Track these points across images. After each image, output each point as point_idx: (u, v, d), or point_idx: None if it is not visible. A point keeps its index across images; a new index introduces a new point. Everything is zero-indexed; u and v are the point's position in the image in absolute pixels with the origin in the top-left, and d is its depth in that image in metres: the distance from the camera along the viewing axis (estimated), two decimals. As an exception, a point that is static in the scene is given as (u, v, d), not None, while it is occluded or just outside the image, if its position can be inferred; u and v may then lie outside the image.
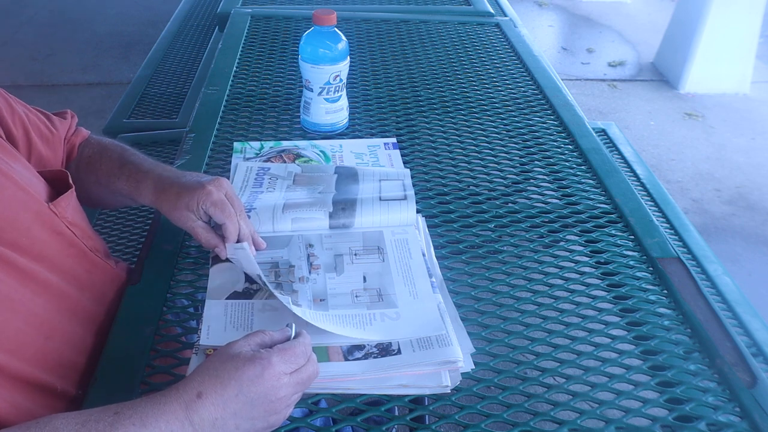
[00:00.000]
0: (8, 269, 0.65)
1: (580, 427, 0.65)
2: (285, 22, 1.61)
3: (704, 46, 3.28)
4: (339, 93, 1.11)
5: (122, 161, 0.85)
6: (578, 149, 1.13)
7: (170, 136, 1.61)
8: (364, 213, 0.89)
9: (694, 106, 3.27)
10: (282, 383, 0.59)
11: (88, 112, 2.93)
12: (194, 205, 0.77)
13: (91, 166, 0.88)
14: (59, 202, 0.74)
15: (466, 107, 1.26)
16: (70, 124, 0.90)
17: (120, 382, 0.67)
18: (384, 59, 1.44)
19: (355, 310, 0.75)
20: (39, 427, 0.53)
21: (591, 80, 3.53)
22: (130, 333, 0.73)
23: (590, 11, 4.44)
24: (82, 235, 0.77)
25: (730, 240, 2.37)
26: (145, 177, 0.82)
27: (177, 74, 2.04)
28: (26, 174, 0.73)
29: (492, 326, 0.77)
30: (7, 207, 0.67)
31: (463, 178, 1.05)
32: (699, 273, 1.25)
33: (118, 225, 1.33)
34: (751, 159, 2.87)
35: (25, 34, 3.83)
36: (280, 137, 1.13)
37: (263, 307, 0.76)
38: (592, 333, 0.76)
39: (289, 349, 0.61)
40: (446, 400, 0.68)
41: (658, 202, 1.50)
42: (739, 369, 0.71)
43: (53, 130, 0.85)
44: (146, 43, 3.35)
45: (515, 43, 1.52)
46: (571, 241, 0.93)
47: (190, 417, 0.55)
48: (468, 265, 0.86)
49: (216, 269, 0.81)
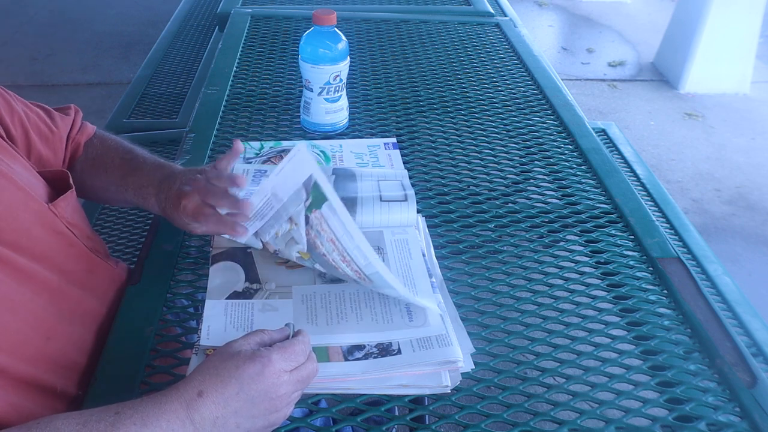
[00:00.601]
0: (8, 270, 0.64)
1: (580, 427, 0.65)
2: (285, 22, 1.61)
3: (704, 46, 3.28)
4: (339, 93, 1.11)
5: (125, 171, 0.85)
6: (578, 149, 1.13)
7: (170, 136, 1.61)
8: (364, 212, 0.89)
9: (694, 106, 3.27)
10: (282, 381, 0.59)
11: (88, 112, 2.90)
12: (182, 222, 0.78)
13: (95, 169, 0.87)
14: (59, 202, 0.74)
15: (466, 107, 1.26)
16: (74, 120, 0.89)
17: (120, 382, 0.67)
18: (384, 59, 1.44)
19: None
20: (40, 427, 0.53)
21: (591, 80, 3.53)
22: (130, 333, 0.73)
23: (590, 11, 4.45)
24: (82, 236, 0.77)
25: (730, 240, 2.37)
26: (148, 193, 0.82)
27: (177, 74, 2.04)
28: (26, 174, 0.73)
29: (492, 326, 0.77)
30: (6, 207, 0.67)
31: (463, 178, 1.05)
32: (699, 273, 1.25)
33: (118, 225, 1.33)
34: (751, 159, 2.87)
35: (25, 34, 3.83)
36: (280, 137, 1.13)
37: (263, 307, 0.76)
38: (592, 333, 0.76)
39: (289, 347, 0.61)
40: (446, 400, 0.68)
41: (658, 202, 1.50)
42: (739, 369, 0.71)
43: (53, 129, 0.84)
44: (146, 43, 3.35)
45: (515, 43, 1.52)
46: (571, 241, 0.93)
47: (191, 416, 0.55)
48: (468, 265, 0.86)
49: (216, 269, 0.81)
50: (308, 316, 0.75)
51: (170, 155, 1.48)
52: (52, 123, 0.84)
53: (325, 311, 0.76)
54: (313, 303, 0.77)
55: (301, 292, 0.79)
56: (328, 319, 0.75)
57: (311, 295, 0.78)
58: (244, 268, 0.82)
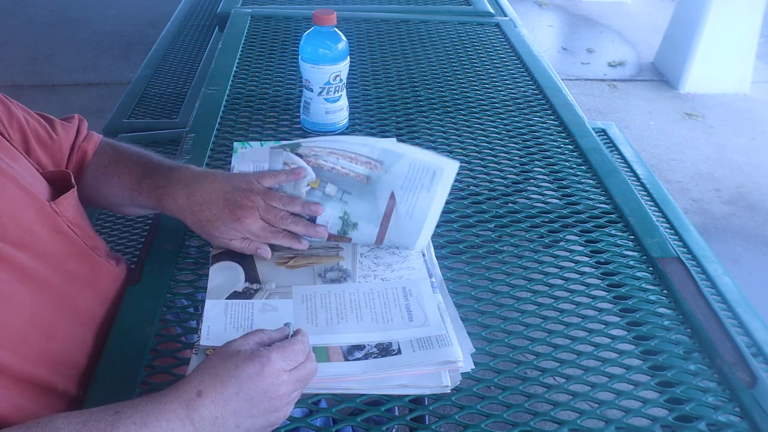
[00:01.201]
0: (11, 268, 0.65)
1: (580, 427, 0.65)
2: (285, 22, 1.61)
3: (704, 46, 3.28)
4: (339, 93, 1.11)
5: (140, 176, 0.84)
6: (578, 149, 1.13)
7: (170, 136, 1.61)
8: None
9: (694, 106, 3.27)
10: (281, 380, 0.59)
11: (88, 112, 2.93)
12: (233, 236, 0.80)
13: (107, 176, 0.87)
14: (60, 201, 0.74)
15: (466, 107, 1.26)
16: (78, 128, 0.88)
17: (120, 382, 0.67)
18: (384, 59, 1.44)
19: None
20: (40, 427, 0.53)
21: (591, 80, 3.53)
22: (130, 333, 0.73)
23: (590, 11, 4.45)
24: (83, 235, 0.77)
25: (730, 240, 2.37)
26: (165, 194, 0.82)
27: (177, 74, 2.04)
28: (26, 174, 0.73)
29: (492, 326, 0.77)
30: (9, 205, 0.67)
31: (463, 178, 1.05)
32: (699, 273, 1.25)
33: (118, 225, 1.33)
34: (751, 159, 2.87)
35: (25, 34, 3.83)
36: (280, 137, 1.13)
37: (263, 307, 0.76)
38: (592, 333, 0.76)
39: (288, 347, 0.61)
40: (446, 400, 0.68)
41: (658, 202, 1.50)
42: (739, 369, 0.71)
43: (53, 136, 0.83)
44: (146, 43, 3.35)
45: (515, 43, 1.52)
46: (571, 241, 0.93)
47: (190, 416, 0.55)
48: (468, 265, 0.86)
49: (216, 269, 0.81)
50: (308, 316, 0.75)
51: (170, 155, 1.47)
52: (52, 130, 0.84)
53: (325, 311, 0.76)
54: (313, 303, 0.77)
55: (301, 292, 0.79)
56: (328, 319, 0.75)
57: (311, 295, 0.78)
58: (244, 268, 0.82)
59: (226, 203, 0.78)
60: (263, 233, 0.80)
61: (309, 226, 0.81)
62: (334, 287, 0.80)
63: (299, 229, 0.81)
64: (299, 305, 0.77)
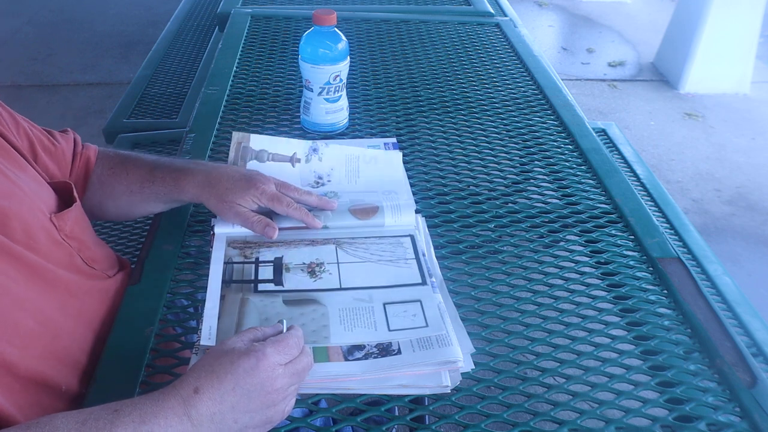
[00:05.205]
0: (22, 266, 0.66)
1: (580, 427, 0.65)
2: (285, 22, 1.61)
3: (704, 46, 3.28)
4: (339, 93, 1.11)
5: (151, 166, 0.87)
6: (578, 149, 1.13)
7: (170, 136, 1.61)
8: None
9: (694, 106, 3.27)
10: (277, 374, 0.59)
11: (88, 112, 2.93)
12: (248, 201, 0.83)
13: (116, 176, 0.88)
14: (62, 215, 0.75)
15: (466, 107, 1.26)
16: (75, 139, 0.90)
17: (120, 382, 0.67)
18: (384, 59, 1.44)
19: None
20: (39, 426, 0.53)
21: (591, 80, 3.53)
22: (130, 333, 0.73)
23: (590, 11, 4.45)
24: (81, 248, 0.77)
25: (730, 240, 2.37)
26: (182, 175, 0.85)
27: (177, 74, 2.04)
28: (33, 184, 0.74)
29: (492, 326, 0.77)
30: (18, 210, 0.68)
31: (463, 178, 1.05)
32: (699, 273, 1.25)
33: (119, 225, 1.33)
34: (751, 159, 2.87)
35: (25, 34, 3.83)
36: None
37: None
38: (592, 333, 0.76)
39: (282, 341, 0.61)
40: (446, 400, 0.68)
41: (658, 202, 1.50)
42: (739, 369, 0.71)
43: (56, 143, 0.85)
44: (146, 43, 3.35)
45: (515, 43, 1.52)
46: (571, 241, 0.93)
47: (188, 412, 0.55)
48: (468, 265, 0.86)
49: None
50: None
51: (170, 155, 1.48)
52: (53, 139, 0.86)
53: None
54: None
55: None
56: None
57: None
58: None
59: (244, 176, 0.85)
60: (274, 201, 0.84)
61: (308, 215, 0.86)
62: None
63: (300, 215, 0.85)
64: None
